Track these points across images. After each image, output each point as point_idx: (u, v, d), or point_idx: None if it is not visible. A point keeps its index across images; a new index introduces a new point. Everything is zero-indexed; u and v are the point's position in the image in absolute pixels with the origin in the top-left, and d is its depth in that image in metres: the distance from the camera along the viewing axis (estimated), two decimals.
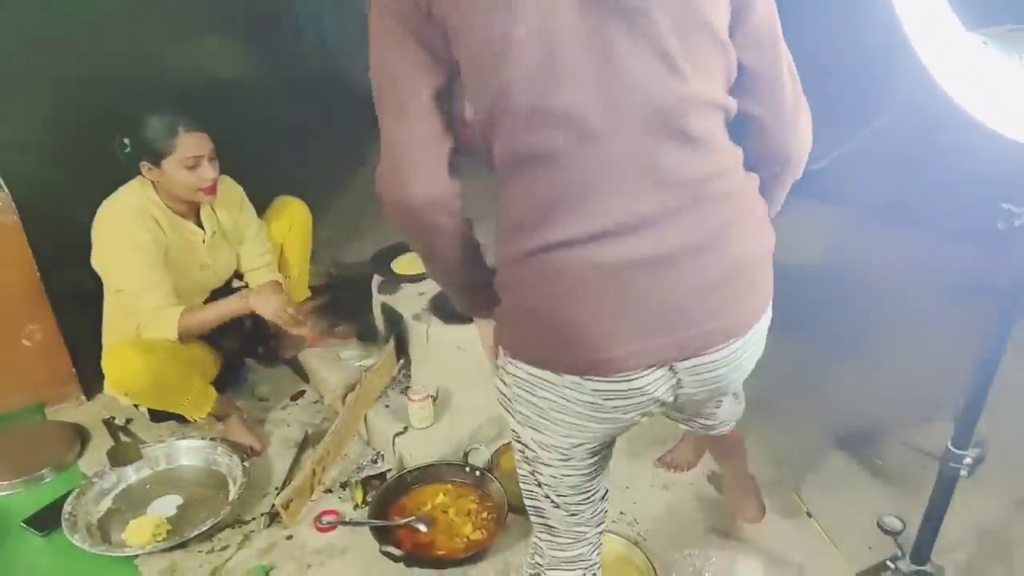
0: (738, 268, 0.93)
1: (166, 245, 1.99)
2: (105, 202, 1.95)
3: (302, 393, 2.42)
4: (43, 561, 1.78)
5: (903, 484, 1.98)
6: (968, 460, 1.04)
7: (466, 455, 2.00)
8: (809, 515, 1.89)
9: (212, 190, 1.99)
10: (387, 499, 1.88)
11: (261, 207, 2.38)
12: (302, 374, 2.48)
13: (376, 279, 2.39)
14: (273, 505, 1.85)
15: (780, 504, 1.89)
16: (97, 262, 1.94)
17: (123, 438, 2.12)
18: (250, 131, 3.53)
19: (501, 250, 0.95)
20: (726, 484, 1.87)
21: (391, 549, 1.66)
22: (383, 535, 1.76)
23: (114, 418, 2.22)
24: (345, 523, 1.74)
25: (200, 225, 2.10)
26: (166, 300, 1.95)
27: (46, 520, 1.84)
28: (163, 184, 1.96)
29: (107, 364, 1.89)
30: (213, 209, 2.13)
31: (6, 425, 2.20)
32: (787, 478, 1.99)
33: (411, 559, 1.68)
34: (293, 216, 2.40)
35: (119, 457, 2.01)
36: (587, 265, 0.88)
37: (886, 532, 1.83)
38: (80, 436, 2.18)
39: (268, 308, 2.00)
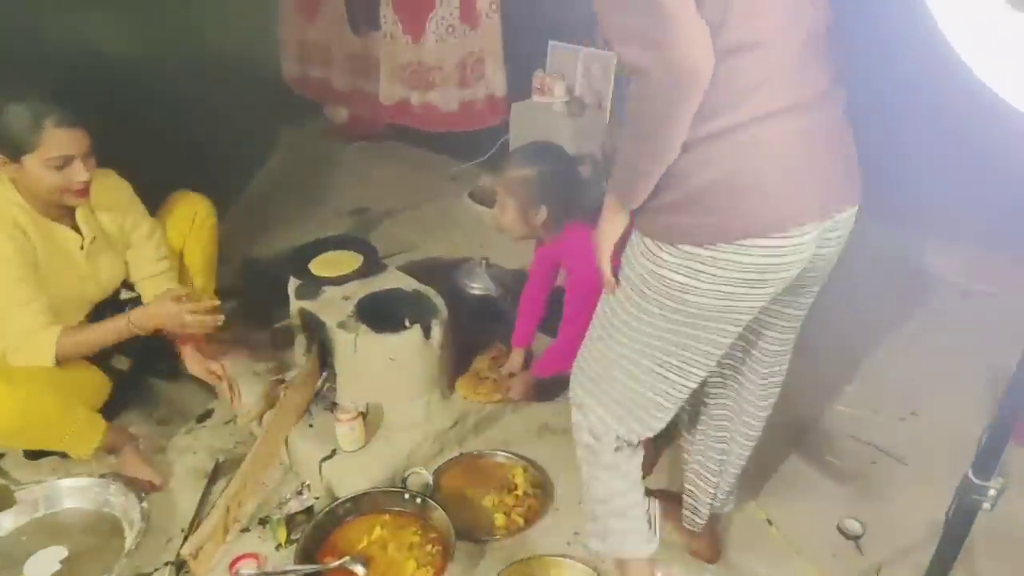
0: (853, 148, 1.20)
1: (35, 255, 1.68)
2: None
3: (210, 413, 2.14)
4: None
5: (858, 482, 1.94)
6: (992, 492, 0.94)
7: (404, 480, 1.80)
8: (769, 523, 1.81)
9: (84, 192, 1.70)
10: (316, 537, 1.67)
11: (155, 205, 2.08)
12: (210, 389, 2.20)
13: (293, 282, 2.14)
14: (178, 554, 1.60)
15: (739, 514, 1.81)
16: None
17: None
18: (141, 116, 3.17)
19: (693, 134, 1.06)
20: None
21: None
22: None
23: None
24: (268, 574, 1.51)
25: (77, 229, 1.79)
26: (38, 320, 1.64)
27: None
28: (22, 183, 1.65)
29: None
30: (92, 211, 1.82)
31: None
32: (743, 484, 1.90)
33: None
34: (194, 214, 2.10)
35: None
36: (779, 132, 1.08)
37: (847, 537, 1.78)
38: None
39: (161, 320, 1.73)
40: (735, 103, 1.07)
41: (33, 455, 1.87)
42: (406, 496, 1.75)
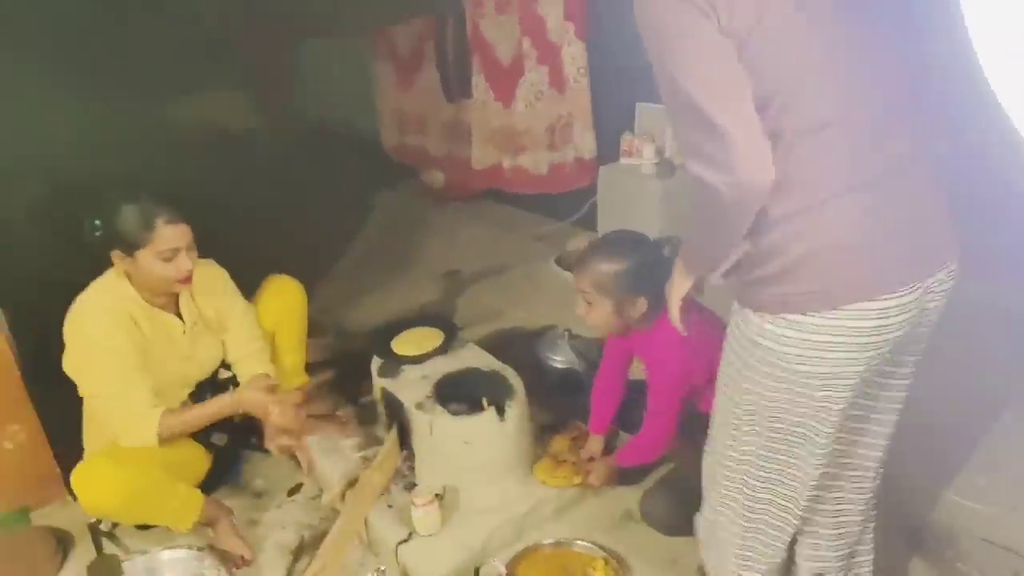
0: (944, 204, 1.21)
1: (144, 343, 1.84)
2: (77, 301, 1.82)
3: (300, 487, 2.24)
4: None
5: None
6: None
7: (477, 572, 1.80)
8: None
9: (188, 280, 1.87)
10: None
11: (251, 287, 2.23)
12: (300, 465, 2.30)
13: (376, 360, 2.22)
14: None
15: None
16: (69, 366, 1.80)
17: (105, 549, 1.96)
18: (238, 195, 3.43)
19: (780, 211, 1.11)
20: None
21: None
22: None
23: (100, 522, 2.05)
24: None
25: (179, 315, 1.95)
26: (144, 404, 1.79)
27: None
28: (135, 275, 1.82)
29: (76, 483, 1.74)
30: (192, 297, 1.99)
31: None
32: None
33: None
34: (285, 298, 2.24)
35: (98, 574, 1.84)
36: (862, 202, 1.12)
37: None
38: (63, 545, 2.01)
39: (249, 407, 1.86)
40: (815, 180, 1.11)
41: (141, 525, 2.01)
42: None
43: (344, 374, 2.61)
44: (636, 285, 1.73)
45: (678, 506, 1.78)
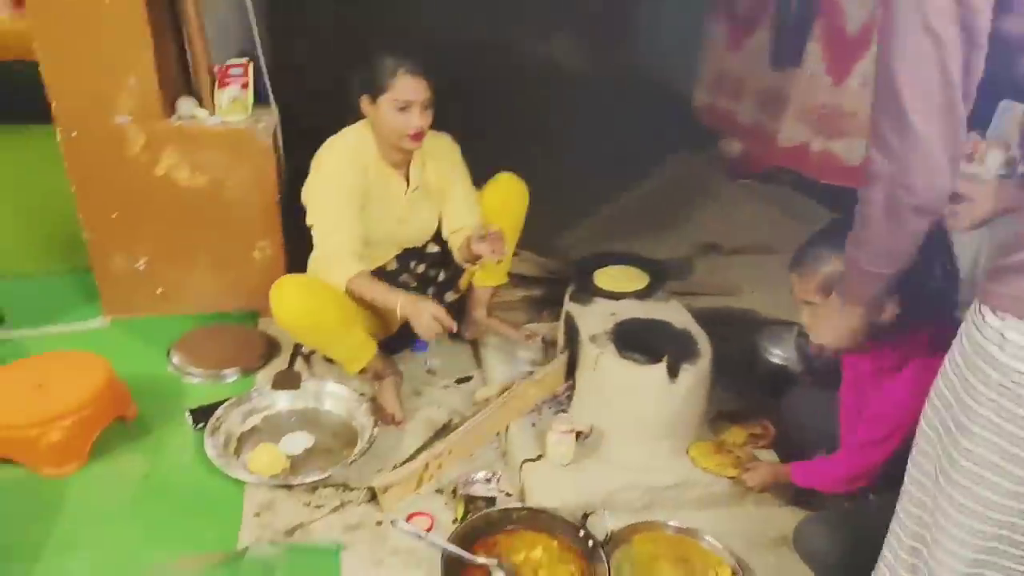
0: None
1: (368, 193, 1.98)
2: (330, 138, 2.00)
3: (470, 379, 2.28)
4: (183, 452, 1.90)
5: None
6: None
7: (586, 516, 1.66)
8: None
9: (418, 138, 1.92)
10: (481, 529, 1.65)
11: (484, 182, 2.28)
12: (478, 360, 2.35)
13: (572, 286, 2.13)
14: (372, 484, 1.74)
15: None
16: (305, 193, 2.00)
17: (297, 366, 2.21)
18: (529, 112, 3.52)
19: None
20: None
21: None
22: (454, 566, 1.53)
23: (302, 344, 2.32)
24: (418, 535, 1.54)
25: (407, 177, 2.06)
26: (349, 247, 1.93)
27: (205, 416, 1.96)
28: (375, 123, 1.94)
29: (272, 296, 1.93)
30: (423, 163, 2.07)
31: (221, 323, 2.43)
32: None
33: None
34: (508, 195, 2.23)
35: (280, 382, 2.08)
36: None
37: None
38: (271, 350, 2.32)
39: (418, 320, 1.84)
40: None
41: (329, 358, 2.22)
42: (581, 534, 1.61)
43: (551, 295, 2.57)
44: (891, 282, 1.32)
45: (843, 544, 1.43)
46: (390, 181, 2.03)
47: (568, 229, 3.52)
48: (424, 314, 1.84)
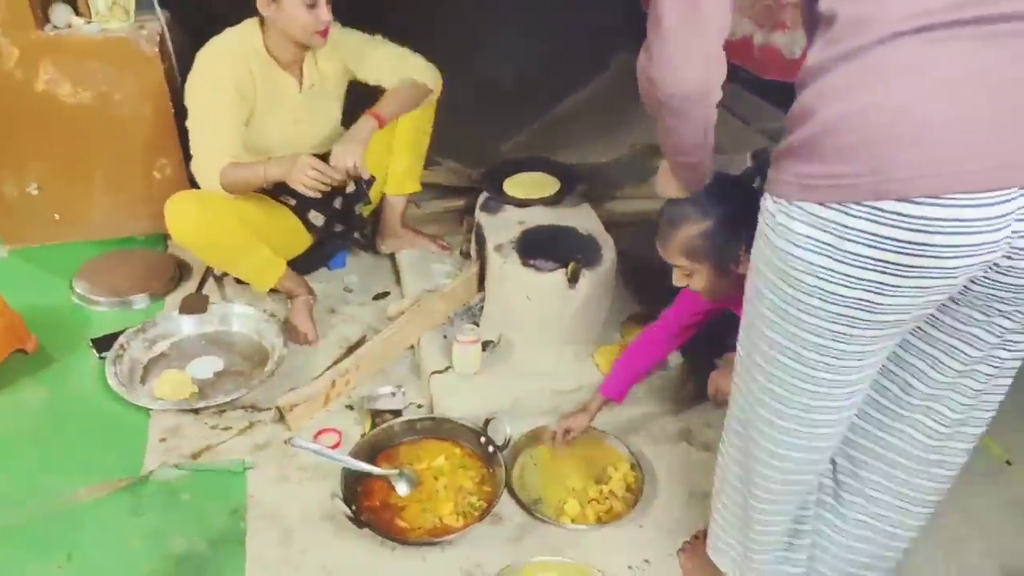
0: None
1: (253, 98, 1.88)
2: (211, 40, 1.87)
3: (387, 294, 2.26)
4: (87, 381, 1.87)
5: None
6: None
7: (486, 423, 1.69)
8: None
9: (326, 33, 1.83)
10: (384, 441, 1.67)
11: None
12: (397, 275, 2.31)
13: (483, 196, 2.08)
14: (278, 404, 1.74)
15: None
16: (186, 97, 1.87)
17: (208, 289, 2.15)
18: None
19: (820, 56, 0.84)
20: None
21: (340, 501, 1.44)
22: (354, 480, 1.55)
23: None
24: (318, 451, 1.56)
25: (300, 77, 1.95)
26: (222, 146, 1.82)
27: (108, 344, 1.91)
28: (278, 23, 1.81)
29: (167, 212, 1.86)
30: (316, 59, 1.97)
31: (128, 248, 2.35)
32: None
33: (362, 521, 1.44)
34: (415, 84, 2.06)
35: (187, 306, 2.03)
36: (948, 51, 0.76)
37: None
38: (181, 273, 2.26)
39: (293, 177, 1.75)
40: (875, 14, 0.79)
41: (242, 281, 2.16)
42: (482, 440, 1.64)
43: (473, 205, 2.52)
44: (732, 236, 1.32)
45: None
46: (280, 81, 1.92)
47: (498, 135, 3.42)
48: (297, 168, 1.75)
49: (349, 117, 2.03)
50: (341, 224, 2.11)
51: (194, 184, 2.23)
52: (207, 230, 1.83)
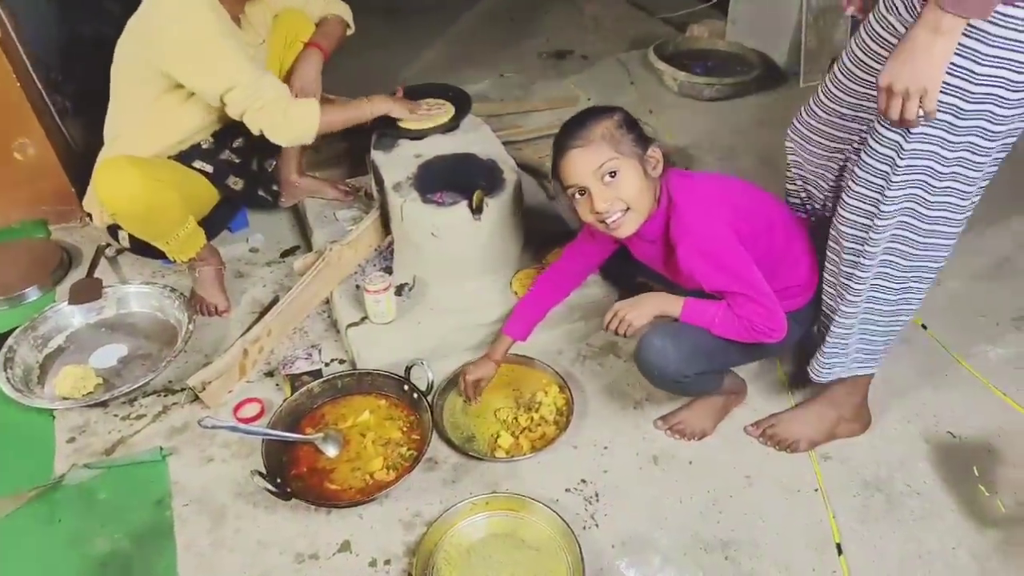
0: None
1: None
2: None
3: (296, 249, 2.15)
4: None
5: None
6: None
7: (408, 370, 1.63)
8: None
9: None
10: (306, 405, 1.61)
11: None
12: (303, 228, 2.20)
13: (375, 133, 1.96)
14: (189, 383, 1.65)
15: None
16: (178, 59, 1.64)
17: (100, 272, 2.01)
18: None
19: None
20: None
21: (260, 477, 1.38)
22: (278, 451, 1.50)
23: (107, 246, 2.11)
24: (234, 428, 1.49)
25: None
26: (286, 90, 1.72)
27: None
28: None
29: (102, 176, 1.68)
30: (250, 15, 1.82)
31: (5, 240, 2.17)
32: None
33: (288, 493, 1.40)
34: (293, 28, 1.92)
35: (77, 294, 1.89)
36: None
37: None
38: (71, 259, 2.10)
39: (397, 109, 1.88)
40: None
41: (140, 252, 1.98)
42: (405, 388, 1.59)
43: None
44: (638, 132, 1.36)
45: (680, 355, 1.41)
46: (240, 36, 1.75)
47: (396, 62, 3.24)
48: (400, 103, 1.90)
49: None
50: (257, 186, 1.99)
51: (73, 159, 2.06)
52: (148, 199, 1.67)
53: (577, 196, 1.36)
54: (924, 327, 1.81)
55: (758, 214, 1.42)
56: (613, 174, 1.32)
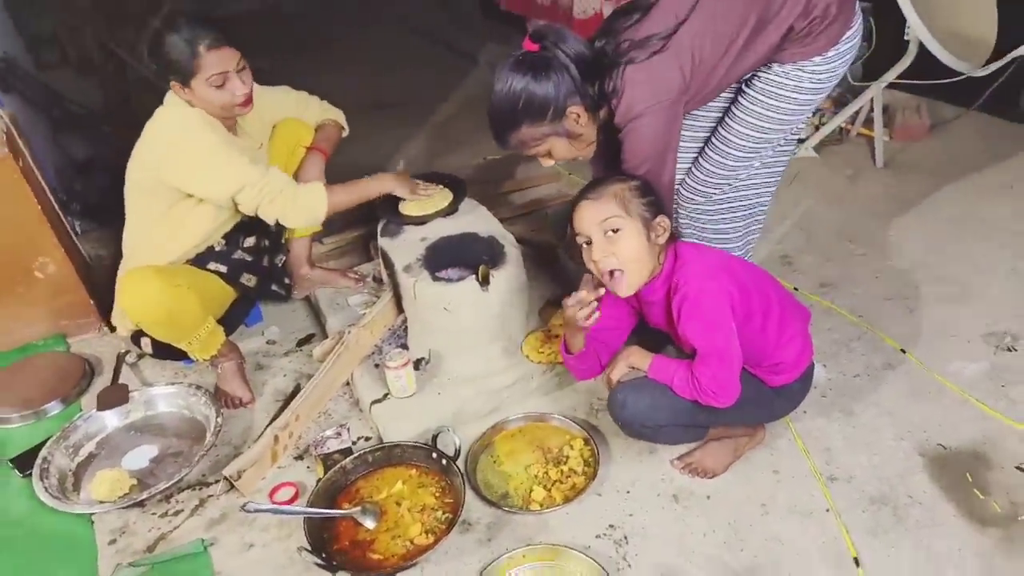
0: None
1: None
2: (161, 117, 1.81)
3: (311, 337, 2.26)
4: (16, 503, 1.79)
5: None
6: None
7: (434, 439, 1.73)
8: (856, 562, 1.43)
9: (248, 102, 1.82)
10: (340, 481, 1.68)
11: None
12: (317, 316, 2.31)
13: (381, 221, 2.11)
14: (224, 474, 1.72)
15: None
16: (188, 175, 1.81)
17: (123, 378, 2.09)
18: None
19: None
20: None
21: (307, 552, 1.45)
22: (319, 528, 1.56)
23: (127, 352, 2.19)
24: (276, 509, 1.56)
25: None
26: (292, 181, 1.88)
27: (29, 461, 1.83)
28: (201, 105, 1.79)
29: (125, 288, 1.81)
30: (245, 125, 1.97)
31: (26, 355, 2.24)
32: None
33: (335, 565, 1.46)
34: (293, 136, 2.10)
35: (106, 400, 1.97)
36: None
37: None
38: (91, 370, 2.18)
39: (399, 187, 2.01)
40: None
41: (160, 355, 2.07)
42: (434, 455, 1.68)
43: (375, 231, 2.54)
44: (652, 198, 1.51)
45: (645, 406, 1.58)
46: (239, 143, 1.91)
47: (380, 155, 3.45)
48: (403, 181, 2.04)
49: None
50: (270, 281, 2.12)
51: (93, 274, 2.17)
52: (170, 304, 1.79)
53: (584, 245, 1.51)
54: (903, 351, 1.96)
55: (758, 290, 1.54)
56: (616, 231, 1.46)
